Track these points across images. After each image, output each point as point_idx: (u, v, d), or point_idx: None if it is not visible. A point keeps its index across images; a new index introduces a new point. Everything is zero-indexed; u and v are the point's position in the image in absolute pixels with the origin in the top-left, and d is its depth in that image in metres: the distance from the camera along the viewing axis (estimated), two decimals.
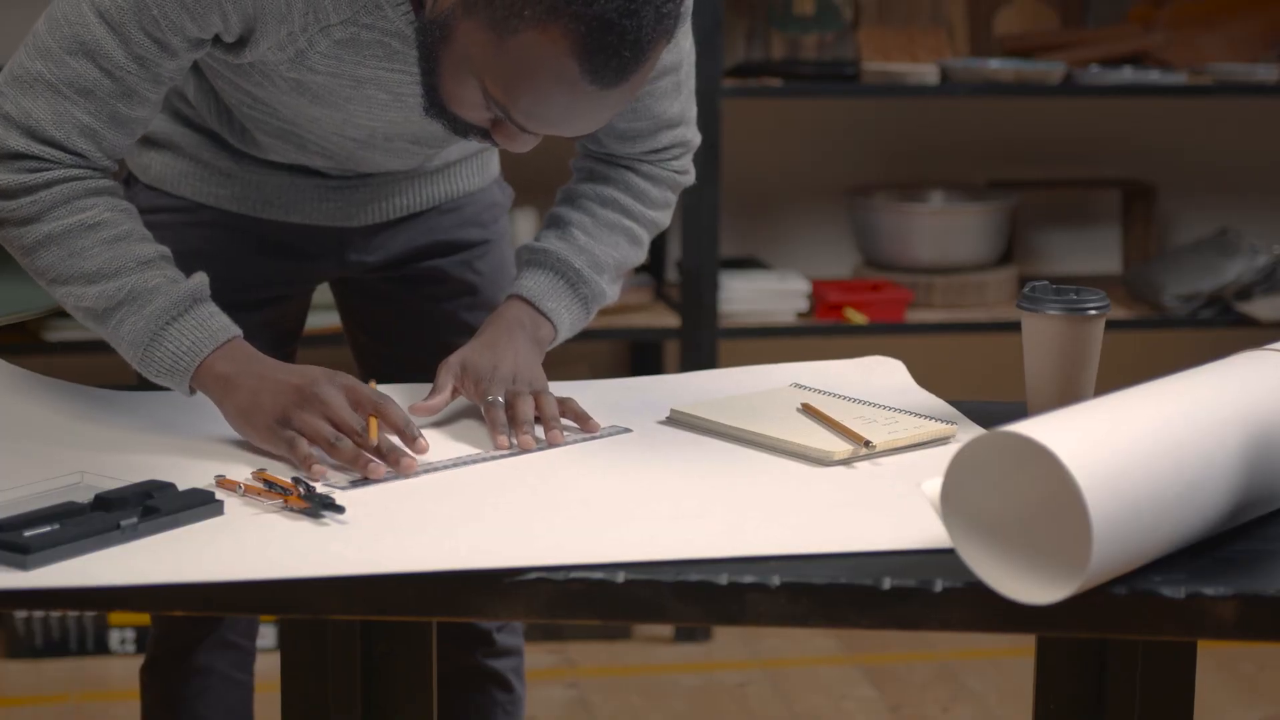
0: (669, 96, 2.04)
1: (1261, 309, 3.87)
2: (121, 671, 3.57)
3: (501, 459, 1.81)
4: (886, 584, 1.48)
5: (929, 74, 3.81)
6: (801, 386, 2.04)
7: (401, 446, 1.77)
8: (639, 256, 2.11)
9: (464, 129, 1.80)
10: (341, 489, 1.69)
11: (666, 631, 3.79)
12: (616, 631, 3.77)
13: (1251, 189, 4.28)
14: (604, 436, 1.89)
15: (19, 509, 1.58)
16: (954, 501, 1.46)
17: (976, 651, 3.68)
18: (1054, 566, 1.44)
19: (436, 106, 1.79)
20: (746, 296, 3.82)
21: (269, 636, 3.29)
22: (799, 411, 1.93)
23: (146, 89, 1.85)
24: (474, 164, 2.27)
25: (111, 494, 1.59)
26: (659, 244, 3.96)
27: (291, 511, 1.63)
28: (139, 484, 1.63)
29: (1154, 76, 3.86)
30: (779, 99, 4.08)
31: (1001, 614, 1.45)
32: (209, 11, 1.81)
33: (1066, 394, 1.85)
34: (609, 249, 2.07)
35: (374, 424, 1.77)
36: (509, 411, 1.87)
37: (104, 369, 2.83)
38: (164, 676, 2.24)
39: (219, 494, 1.64)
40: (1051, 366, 1.87)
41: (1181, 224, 4.27)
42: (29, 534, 1.51)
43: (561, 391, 1.95)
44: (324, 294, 2.36)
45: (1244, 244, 3.91)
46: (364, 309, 2.31)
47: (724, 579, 1.49)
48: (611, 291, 2.08)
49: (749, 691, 3.55)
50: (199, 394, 1.86)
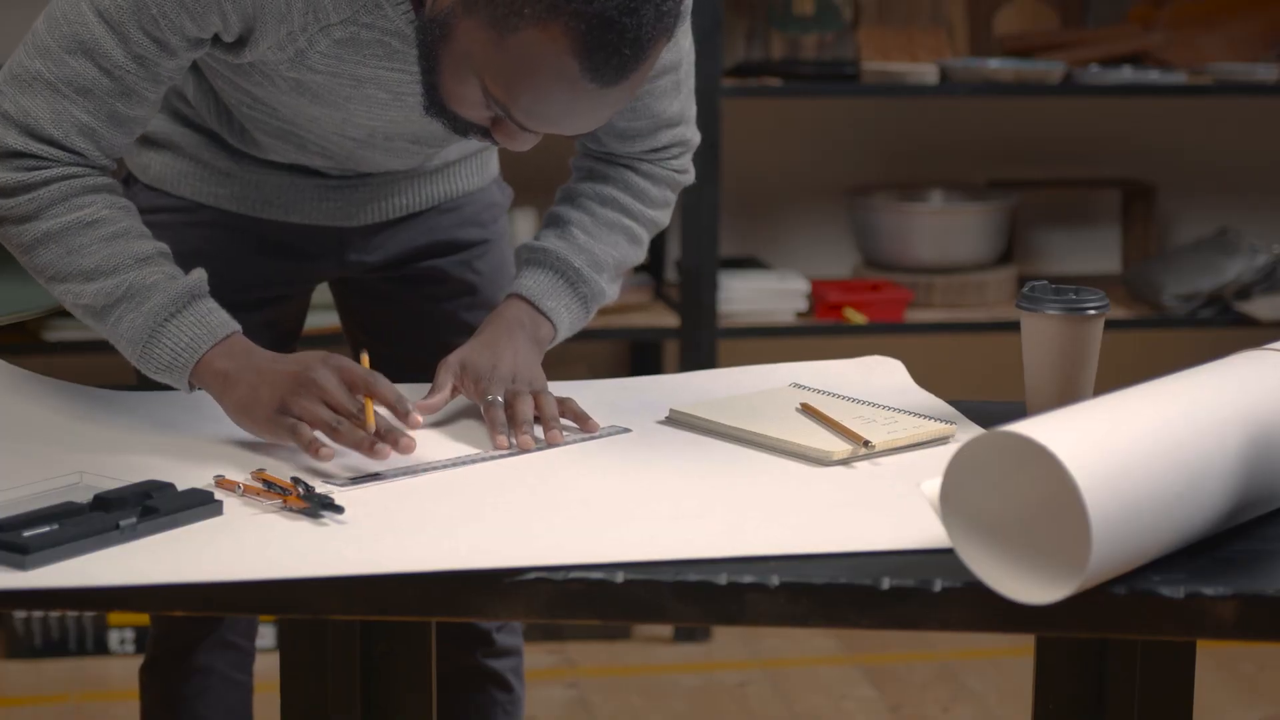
0: (669, 95, 2.04)
1: (1261, 309, 3.87)
2: (121, 671, 3.56)
3: (501, 459, 1.81)
4: (886, 584, 1.48)
5: (929, 74, 3.81)
6: (801, 386, 2.04)
7: (399, 426, 1.77)
8: (639, 256, 2.11)
9: (464, 128, 1.80)
10: (341, 488, 1.69)
11: (666, 631, 3.78)
12: (616, 631, 3.76)
13: (1251, 189, 4.28)
14: (603, 436, 1.88)
15: (18, 509, 1.58)
16: (953, 501, 1.46)
17: (976, 651, 3.67)
18: (1053, 566, 1.44)
19: (436, 105, 1.79)
20: (746, 296, 3.81)
21: (269, 636, 3.29)
22: (798, 411, 1.93)
23: (145, 88, 1.85)
24: (473, 164, 2.27)
25: (111, 494, 1.59)
26: (658, 244, 3.96)
27: (291, 511, 1.63)
28: (138, 484, 1.63)
29: (1154, 76, 3.86)
30: (779, 99, 4.08)
31: (1001, 614, 1.45)
32: (208, 11, 1.81)
33: (1066, 394, 1.85)
34: (608, 248, 2.07)
35: (370, 406, 1.78)
36: (508, 411, 1.87)
37: (104, 369, 2.82)
38: (163, 676, 2.24)
39: (218, 494, 1.64)
40: (1051, 366, 1.86)
41: (1181, 224, 4.27)
42: (28, 534, 1.51)
43: (561, 391, 1.95)
44: (324, 294, 2.36)
45: (1244, 244, 3.91)
46: (364, 309, 2.31)
47: (723, 579, 1.49)
48: (611, 291, 2.08)
49: (749, 691, 3.54)
50: (197, 393, 1.86)
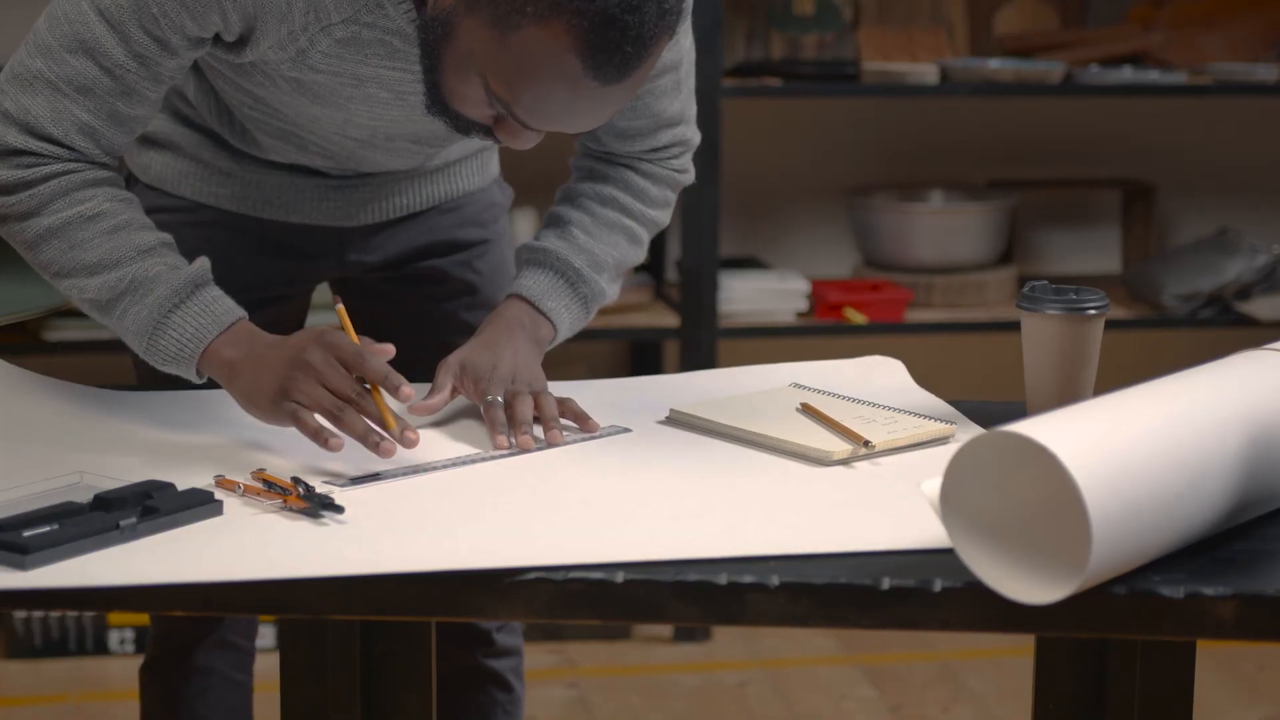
0: (669, 95, 2.04)
1: (1261, 309, 3.87)
2: (121, 671, 3.56)
3: (501, 459, 1.81)
4: (886, 584, 1.48)
5: (929, 74, 3.81)
6: (801, 386, 2.04)
7: (403, 419, 1.77)
8: (639, 255, 2.11)
9: (466, 126, 1.80)
10: (341, 488, 1.69)
11: (666, 631, 3.78)
12: (616, 631, 3.76)
13: (1251, 189, 4.28)
14: (603, 436, 1.88)
15: (18, 509, 1.57)
16: (953, 501, 1.46)
17: (976, 651, 3.67)
18: (1053, 566, 1.44)
19: (438, 104, 1.79)
20: (746, 296, 3.81)
21: (269, 636, 3.29)
22: (798, 411, 1.93)
23: (146, 88, 1.85)
24: (474, 164, 2.27)
25: (111, 494, 1.59)
26: (659, 243, 3.96)
27: (291, 511, 1.63)
28: (138, 484, 1.63)
29: (1154, 76, 3.86)
30: (779, 99, 4.08)
31: (1001, 614, 1.45)
32: (209, 10, 1.81)
33: (1066, 394, 1.85)
34: (609, 248, 2.07)
35: (379, 396, 1.77)
36: (508, 411, 1.87)
37: (104, 369, 2.83)
38: (163, 677, 2.24)
39: (218, 494, 1.64)
40: (1051, 366, 1.86)
41: (1181, 224, 4.27)
42: (28, 534, 1.51)
43: (561, 391, 1.95)
44: (324, 294, 2.36)
45: (1244, 244, 3.91)
46: (364, 309, 2.30)
47: (723, 579, 1.49)
48: (611, 291, 2.08)
49: (749, 691, 3.54)
50: (196, 393, 1.86)
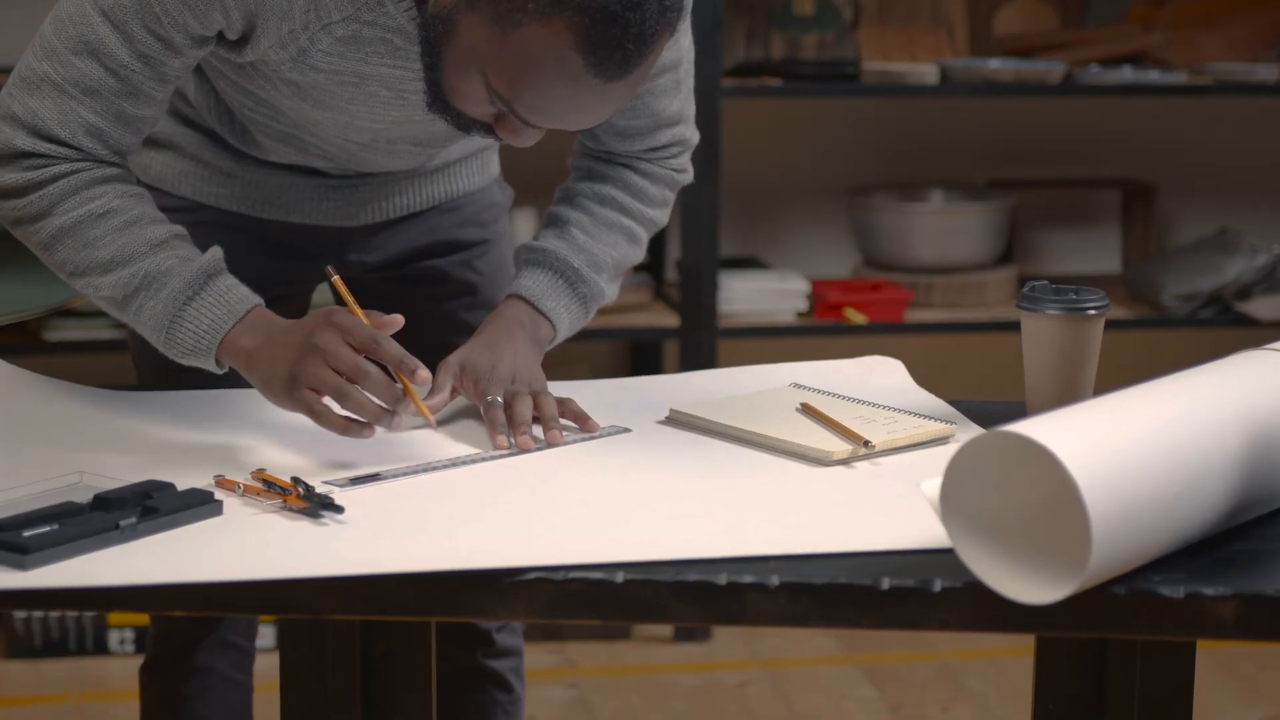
0: (668, 94, 2.04)
1: (1261, 309, 3.87)
2: (121, 671, 3.56)
3: (501, 459, 1.81)
4: (886, 584, 1.48)
5: (929, 74, 3.81)
6: (801, 386, 2.04)
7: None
8: (638, 255, 2.11)
9: (467, 124, 1.80)
10: (341, 488, 1.69)
11: (666, 631, 3.78)
12: (616, 631, 3.76)
13: (1251, 189, 4.28)
14: (603, 436, 1.88)
15: (18, 509, 1.57)
16: (953, 501, 1.46)
17: (976, 651, 3.67)
18: (1053, 566, 1.44)
19: (439, 102, 1.79)
20: (746, 296, 3.81)
21: (269, 636, 3.29)
22: (798, 411, 1.93)
23: (152, 87, 1.85)
24: (474, 164, 2.27)
25: (111, 494, 1.59)
26: (658, 243, 3.96)
27: (290, 511, 1.63)
28: (138, 484, 1.63)
29: (1154, 76, 3.86)
30: (779, 99, 4.08)
31: (1001, 614, 1.45)
32: (211, 8, 1.81)
33: (1066, 394, 1.85)
34: (608, 248, 2.07)
35: (412, 391, 1.79)
36: (507, 412, 1.87)
37: (104, 369, 2.83)
38: (163, 677, 2.24)
39: (218, 494, 1.64)
40: (1051, 366, 1.86)
41: (1181, 224, 4.27)
42: (28, 534, 1.51)
43: (561, 391, 1.95)
44: (324, 294, 2.36)
45: (1244, 244, 3.91)
46: (364, 309, 2.30)
47: (723, 579, 1.49)
48: (610, 290, 2.08)
49: (749, 691, 3.54)
50: (197, 393, 1.86)
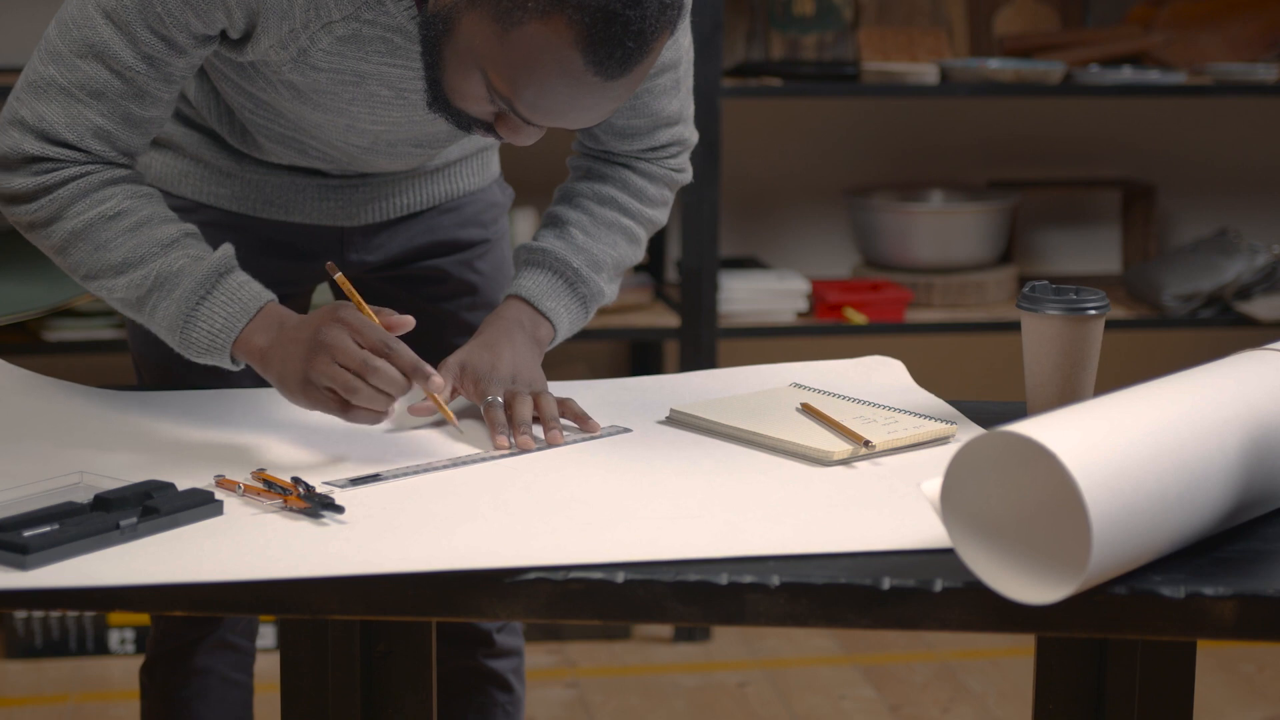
0: (667, 94, 2.04)
1: (1261, 309, 3.87)
2: (121, 672, 3.57)
3: (501, 459, 1.81)
4: (886, 584, 1.48)
5: (929, 74, 3.81)
6: (801, 386, 2.04)
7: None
8: (637, 255, 2.11)
9: (467, 123, 1.80)
10: (341, 488, 1.69)
11: (666, 631, 3.78)
12: (616, 631, 3.76)
13: (1251, 189, 4.28)
14: (604, 436, 1.88)
15: (18, 509, 1.58)
16: (953, 501, 1.46)
17: (976, 651, 3.67)
18: (1053, 566, 1.44)
19: (440, 101, 1.79)
20: (746, 296, 3.81)
21: (269, 636, 3.29)
22: (798, 411, 1.93)
23: (157, 88, 1.85)
24: (474, 164, 2.27)
25: (111, 494, 1.59)
26: (658, 244, 3.96)
27: (291, 511, 1.63)
28: (138, 484, 1.63)
29: (1154, 76, 3.86)
30: (779, 99, 4.08)
31: (1001, 614, 1.45)
32: (212, 6, 1.81)
33: (1066, 394, 1.85)
34: (607, 248, 2.07)
35: (441, 405, 1.82)
36: (507, 412, 1.87)
37: (104, 369, 2.83)
38: (163, 677, 2.24)
39: (218, 494, 1.64)
40: (1051, 366, 1.87)
41: (1181, 224, 4.27)
42: (28, 534, 1.51)
43: (561, 391, 1.95)
44: (324, 294, 2.36)
45: (1243, 244, 3.91)
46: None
47: (723, 579, 1.49)
48: (610, 290, 2.08)
49: (749, 691, 3.54)
50: (197, 392, 1.86)
